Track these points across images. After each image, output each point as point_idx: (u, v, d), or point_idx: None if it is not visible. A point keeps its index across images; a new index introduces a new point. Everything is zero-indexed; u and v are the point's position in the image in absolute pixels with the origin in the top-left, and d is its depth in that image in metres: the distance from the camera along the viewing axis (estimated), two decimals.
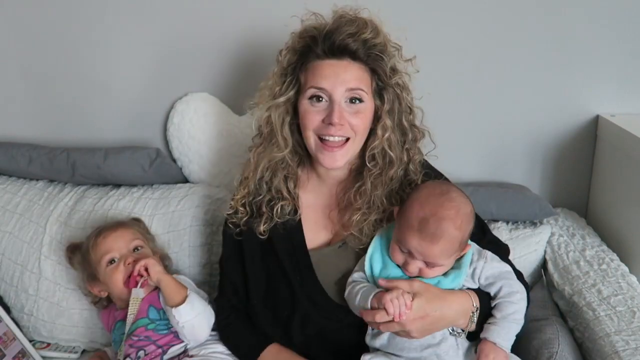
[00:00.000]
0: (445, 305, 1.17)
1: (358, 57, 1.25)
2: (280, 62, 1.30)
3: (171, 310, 1.36)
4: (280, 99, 1.29)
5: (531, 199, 1.69)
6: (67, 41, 1.80)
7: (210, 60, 1.77)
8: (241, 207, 1.36)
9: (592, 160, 1.79)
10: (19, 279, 1.66)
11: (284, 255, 1.34)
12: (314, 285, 1.32)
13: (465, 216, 1.18)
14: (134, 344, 1.39)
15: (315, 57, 1.26)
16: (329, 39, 1.23)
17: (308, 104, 1.27)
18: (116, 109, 1.84)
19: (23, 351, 1.58)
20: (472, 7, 1.68)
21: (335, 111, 1.23)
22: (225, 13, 1.72)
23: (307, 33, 1.27)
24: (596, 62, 1.71)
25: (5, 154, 1.79)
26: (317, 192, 1.39)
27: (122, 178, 1.74)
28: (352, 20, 1.25)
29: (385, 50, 1.28)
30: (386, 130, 1.28)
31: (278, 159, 1.33)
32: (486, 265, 1.23)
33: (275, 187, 1.35)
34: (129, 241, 1.48)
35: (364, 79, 1.26)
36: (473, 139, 1.80)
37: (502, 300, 1.20)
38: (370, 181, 1.30)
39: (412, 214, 1.18)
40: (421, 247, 1.16)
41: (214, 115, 1.75)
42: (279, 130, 1.30)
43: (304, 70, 1.28)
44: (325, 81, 1.24)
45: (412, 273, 1.20)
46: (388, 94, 1.29)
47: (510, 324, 1.19)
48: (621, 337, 1.29)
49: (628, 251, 1.58)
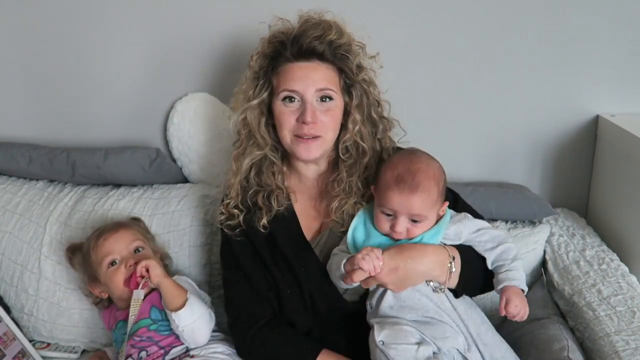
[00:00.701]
0: (417, 255, 1.22)
1: (325, 58, 1.32)
2: (252, 67, 1.37)
3: (171, 314, 1.36)
4: (254, 102, 1.36)
5: (531, 199, 1.69)
6: (67, 41, 1.80)
7: (210, 60, 1.77)
8: (234, 209, 1.39)
9: (592, 160, 1.79)
10: (19, 279, 1.66)
11: (285, 247, 1.38)
12: (319, 270, 1.35)
13: (436, 168, 1.27)
14: (136, 344, 1.39)
15: (285, 60, 1.33)
16: (297, 43, 1.31)
17: (282, 105, 1.33)
18: (116, 109, 1.84)
19: (23, 351, 1.58)
20: (472, 7, 1.68)
21: (307, 110, 1.30)
22: (226, 13, 1.72)
23: (276, 38, 1.34)
24: (596, 62, 1.71)
25: (5, 154, 1.79)
26: (300, 186, 1.44)
27: (122, 178, 1.75)
28: (317, 23, 1.33)
29: (350, 49, 1.35)
30: (356, 124, 1.35)
31: (260, 157, 1.39)
32: (469, 222, 1.30)
33: (265, 182, 1.40)
34: (129, 242, 1.48)
35: (332, 78, 1.34)
36: (473, 139, 1.80)
37: (503, 247, 1.26)
38: (345, 170, 1.37)
39: (387, 176, 1.26)
40: (402, 202, 1.22)
41: (214, 115, 1.75)
42: (257, 130, 1.37)
43: (276, 74, 1.34)
44: (296, 83, 1.31)
45: (400, 234, 1.25)
46: (356, 90, 1.36)
47: (518, 263, 1.25)
48: (621, 337, 1.29)
49: (628, 251, 1.58)
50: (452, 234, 1.28)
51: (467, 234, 1.28)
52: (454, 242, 1.28)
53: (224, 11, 1.72)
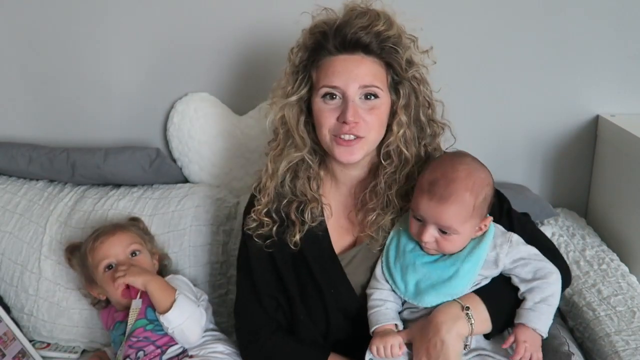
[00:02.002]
0: (433, 326, 1.14)
1: (371, 51, 1.20)
2: (292, 60, 1.26)
3: (160, 316, 1.36)
4: (292, 98, 1.25)
5: (531, 199, 1.69)
6: (67, 41, 1.80)
7: (210, 60, 1.77)
8: (266, 217, 1.30)
9: (592, 160, 1.79)
10: (19, 279, 1.66)
11: (313, 262, 1.29)
12: (346, 289, 1.28)
13: (479, 179, 1.14)
14: (134, 345, 1.39)
15: (327, 53, 1.21)
16: (340, 34, 1.19)
17: (321, 102, 1.23)
18: (116, 109, 1.84)
19: (23, 351, 1.58)
20: (472, 7, 1.68)
21: (349, 109, 1.19)
22: (226, 13, 1.72)
23: (317, 29, 1.23)
24: (596, 62, 1.70)
25: (5, 154, 1.78)
26: (335, 194, 1.35)
27: (122, 178, 1.74)
28: (363, 12, 1.21)
29: (400, 42, 1.23)
30: (401, 127, 1.24)
31: (297, 159, 1.29)
32: (511, 250, 1.17)
33: (300, 190, 1.30)
34: (126, 246, 1.48)
35: (379, 74, 1.22)
36: (473, 139, 1.78)
37: (539, 283, 1.14)
38: (384, 180, 1.26)
39: (423, 178, 1.17)
40: (431, 209, 1.13)
41: (214, 115, 1.75)
42: (295, 129, 1.26)
43: (316, 68, 1.23)
44: (337, 79, 1.19)
45: (427, 244, 1.17)
46: (404, 88, 1.24)
47: (548, 307, 1.13)
48: (621, 337, 1.29)
49: (628, 251, 1.58)
50: (491, 262, 1.16)
51: (506, 263, 1.16)
52: (492, 272, 1.17)
53: (224, 11, 1.72)
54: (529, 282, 1.15)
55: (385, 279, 1.23)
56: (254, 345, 1.32)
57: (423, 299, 1.18)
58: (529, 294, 1.15)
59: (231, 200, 1.69)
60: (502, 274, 1.19)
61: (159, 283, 1.40)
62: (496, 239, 1.18)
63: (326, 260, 1.30)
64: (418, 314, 1.20)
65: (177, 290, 1.39)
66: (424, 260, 1.20)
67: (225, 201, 1.67)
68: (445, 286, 1.16)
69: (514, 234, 1.20)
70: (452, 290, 1.17)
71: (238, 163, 1.73)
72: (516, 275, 1.17)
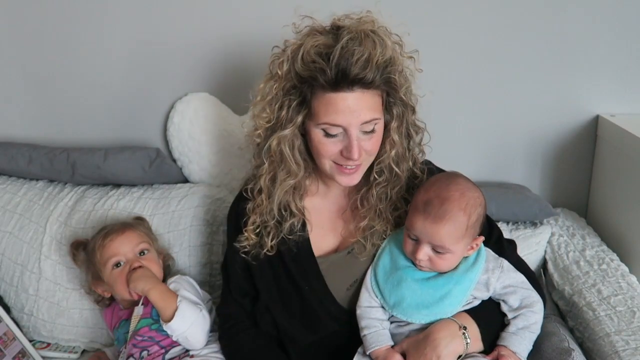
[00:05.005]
0: (430, 343, 1.16)
1: (372, 85, 1.16)
2: (279, 78, 1.20)
3: (163, 325, 1.36)
4: (286, 131, 1.20)
5: (531, 199, 1.69)
6: (67, 41, 1.80)
7: (210, 60, 1.77)
8: (254, 235, 1.31)
9: (592, 160, 1.79)
10: (19, 279, 1.66)
11: (291, 263, 1.31)
12: (323, 292, 1.30)
13: (472, 199, 1.17)
14: (138, 344, 1.39)
15: (322, 88, 1.15)
16: (341, 73, 1.13)
17: (321, 136, 1.19)
18: (116, 109, 1.84)
19: (23, 351, 1.58)
20: (471, 7, 1.68)
21: (354, 147, 1.17)
22: (226, 13, 1.72)
23: (314, 63, 1.14)
24: (596, 62, 1.71)
25: (5, 154, 1.79)
26: (324, 195, 1.35)
27: (122, 178, 1.74)
28: (355, 38, 1.13)
29: (395, 61, 1.19)
30: (393, 147, 1.24)
31: (291, 185, 1.27)
32: (502, 275, 1.21)
33: (283, 203, 1.29)
34: (135, 245, 1.48)
35: (377, 104, 1.19)
36: (473, 139, 1.80)
37: (525, 311, 1.19)
38: (376, 193, 1.28)
39: (417, 197, 1.19)
40: (425, 228, 1.15)
41: (214, 115, 1.75)
42: (291, 158, 1.24)
43: (313, 97, 1.17)
44: (339, 117, 1.16)
45: (421, 262, 1.19)
46: (397, 108, 1.23)
47: (530, 334, 1.19)
48: (621, 337, 1.29)
49: (628, 251, 1.58)
50: (482, 284, 1.20)
51: (497, 287, 1.20)
52: (482, 294, 1.21)
53: (224, 11, 1.72)
54: (516, 310, 1.20)
55: (375, 293, 1.25)
56: (227, 333, 1.36)
57: (413, 315, 1.21)
58: (514, 320, 1.20)
59: (231, 200, 1.68)
60: (491, 298, 1.23)
61: (159, 292, 1.39)
62: (488, 263, 1.22)
63: (305, 261, 1.31)
64: (404, 329, 1.23)
65: (178, 297, 1.39)
66: (416, 276, 1.22)
67: (225, 201, 1.67)
68: (437, 305, 1.20)
69: (504, 260, 1.24)
70: (444, 309, 1.20)
71: (238, 163, 1.73)
72: (505, 302, 1.21)
